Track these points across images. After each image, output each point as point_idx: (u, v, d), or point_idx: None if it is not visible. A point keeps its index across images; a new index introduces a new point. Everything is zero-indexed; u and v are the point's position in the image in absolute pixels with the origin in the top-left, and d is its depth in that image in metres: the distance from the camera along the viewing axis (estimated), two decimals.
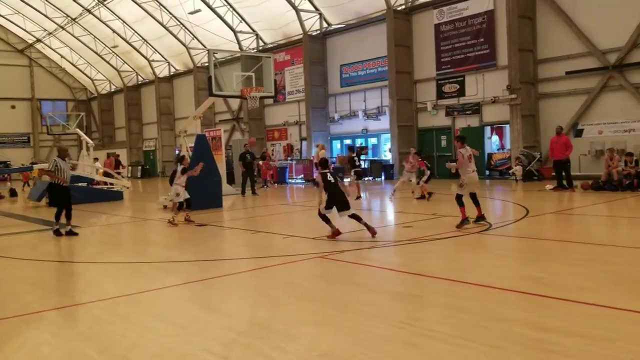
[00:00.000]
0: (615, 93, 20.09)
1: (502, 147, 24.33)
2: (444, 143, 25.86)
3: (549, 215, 11.89)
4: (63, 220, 11.35)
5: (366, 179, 26.19)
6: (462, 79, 24.85)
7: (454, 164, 10.39)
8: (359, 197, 16.73)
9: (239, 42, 34.86)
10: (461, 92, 24.89)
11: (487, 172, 23.89)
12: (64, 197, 11.35)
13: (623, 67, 19.74)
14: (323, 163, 9.59)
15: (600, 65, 20.29)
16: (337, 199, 9.16)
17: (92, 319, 5.55)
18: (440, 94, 25.69)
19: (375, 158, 29.01)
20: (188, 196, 12.35)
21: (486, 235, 9.36)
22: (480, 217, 10.16)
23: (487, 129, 24.53)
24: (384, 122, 27.90)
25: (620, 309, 4.94)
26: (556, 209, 12.83)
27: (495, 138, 24.65)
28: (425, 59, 26.12)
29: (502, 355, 4.05)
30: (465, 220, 9.87)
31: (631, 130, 19.30)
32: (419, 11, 26.39)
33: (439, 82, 25.71)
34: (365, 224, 9.15)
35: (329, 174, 9.35)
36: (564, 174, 16.93)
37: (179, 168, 12.57)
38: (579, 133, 20.57)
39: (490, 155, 24.11)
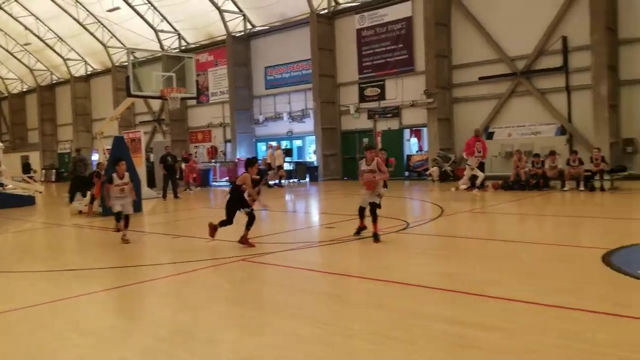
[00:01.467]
0: (523, 98, 21.42)
1: (420, 149, 25.26)
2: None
3: (462, 214, 12.52)
4: None
5: (291, 181, 26.37)
6: (382, 83, 25.57)
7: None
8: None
9: (160, 42, 34.07)
10: (382, 96, 25.61)
11: (407, 173, 24.74)
12: None
13: (530, 73, 21.07)
14: (250, 163, 9.17)
15: (509, 72, 21.55)
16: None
17: (6, 329, 5.32)
18: (363, 98, 26.31)
19: (300, 160, 29.25)
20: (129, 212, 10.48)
21: (405, 234, 9.74)
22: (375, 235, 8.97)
23: (407, 132, 25.39)
24: (309, 125, 28.21)
25: (528, 302, 5.28)
26: (470, 208, 13.52)
27: (414, 140, 25.55)
28: (348, 62, 26.67)
29: (418, 350, 4.24)
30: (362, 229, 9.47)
31: (537, 132, 20.63)
32: (342, 16, 26.90)
33: (361, 85, 26.33)
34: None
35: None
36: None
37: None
38: (490, 136, 21.72)
39: (409, 157, 24.98)
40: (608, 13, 18.84)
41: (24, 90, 47.95)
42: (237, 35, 30.89)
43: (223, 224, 9.14)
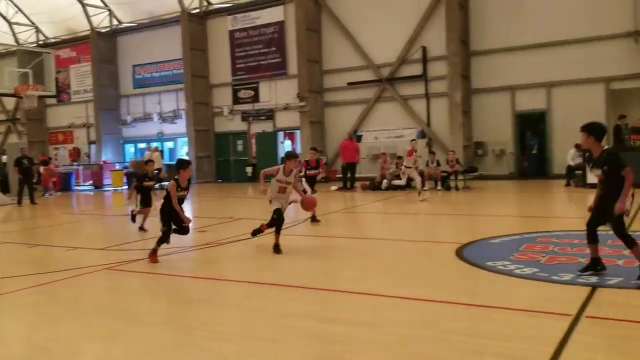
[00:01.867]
0: (388, 103, 22.69)
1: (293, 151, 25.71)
2: (240, 147, 26.48)
3: (333, 214, 13.01)
4: None
5: (163, 183, 25.50)
6: (256, 85, 25.70)
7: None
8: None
9: (15, 35, 31.31)
10: (256, 98, 25.74)
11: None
12: None
13: (394, 80, 22.38)
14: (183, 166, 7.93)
15: (375, 78, 22.71)
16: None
17: None
18: (236, 99, 26.24)
19: (172, 162, 28.43)
20: None
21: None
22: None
23: (280, 134, 25.75)
24: (181, 126, 27.55)
25: (389, 296, 5.65)
26: (340, 208, 14.09)
27: (287, 143, 25.97)
28: (221, 64, 26.45)
29: (286, 349, 4.36)
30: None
31: (401, 136, 21.96)
32: (214, 16, 26.62)
33: (235, 87, 26.25)
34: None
35: None
36: (349, 175, 18.83)
37: None
38: (358, 139, 22.72)
39: (283, 159, 25.31)
40: (461, 27, 20.57)
41: None
42: (102, 31, 29.31)
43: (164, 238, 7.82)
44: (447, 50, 20.58)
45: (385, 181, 17.33)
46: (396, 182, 16.78)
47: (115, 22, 29.39)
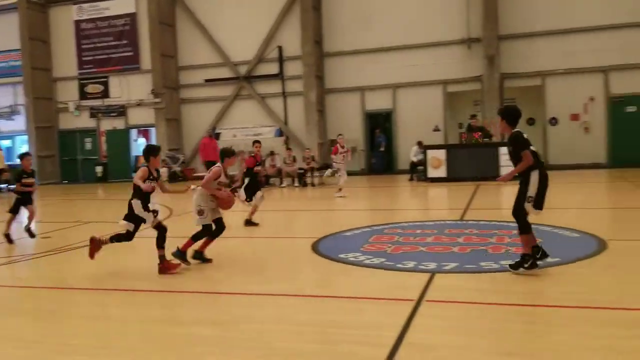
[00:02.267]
0: (246, 101, 22.81)
1: None
2: (89, 145, 24.91)
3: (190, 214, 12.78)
4: None
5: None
6: (106, 80, 24.35)
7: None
8: None
9: None
10: (106, 94, 24.39)
11: (134, 175, 24.04)
12: None
13: (252, 78, 22.54)
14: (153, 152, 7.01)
15: (233, 76, 22.69)
16: None
17: None
18: (84, 95, 24.65)
19: (11, 163, 25.88)
20: None
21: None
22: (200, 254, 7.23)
23: (134, 132, 24.67)
24: (19, 123, 25.21)
25: (250, 294, 5.74)
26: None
27: (142, 140, 24.97)
28: (66, 56, 24.67)
29: (143, 356, 4.29)
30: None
31: (259, 134, 22.18)
32: (57, 5, 24.75)
33: (82, 81, 24.65)
34: None
35: None
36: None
37: None
38: (217, 136, 22.54)
39: (137, 157, 24.31)
40: (315, 28, 21.30)
41: None
42: None
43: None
44: (302, 50, 21.19)
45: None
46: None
47: None
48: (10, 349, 4.61)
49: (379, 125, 21.71)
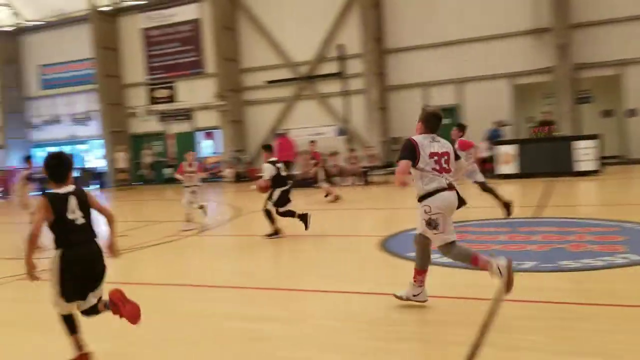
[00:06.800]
0: (307, 101, 22.91)
1: (215, 151, 25.43)
2: (158, 148, 25.77)
3: (259, 213, 12.95)
4: None
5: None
6: (173, 84, 25.11)
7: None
8: None
9: None
10: (173, 98, 25.15)
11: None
12: None
13: (312, 78, 22.62)
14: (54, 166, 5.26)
15: (294, 76, 22.85)
16: None
17: None
18: (152, 100, 25.51)
19: (87, 166, 27.24)
20: None
21: (204, 237, 9.80)
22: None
23: (199, 134, 25.33)
24: (94, 128, 26.45)
25: (313, 291, 5.77)
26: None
27: (208, 142, 25.61)
28: (135, 63, 25.64)
29: (214, 350, 4.34)
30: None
31: (321, 133, 22.24)
32: (126, 14, 25.74)
33: (150, 87, 25.51)
34: None
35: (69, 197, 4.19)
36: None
37: None
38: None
39: (204, 159, 24.94)
40: (376, 25, 21.11)
41: None
42: (4, 29, 27.51)
43: None
44: (363, 48, 21.05)
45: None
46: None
47: (19, 20, 27.66)
48: (94, 342, 4.77)
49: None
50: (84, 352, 4.09)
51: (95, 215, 4.14)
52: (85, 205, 4.06)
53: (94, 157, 27.70)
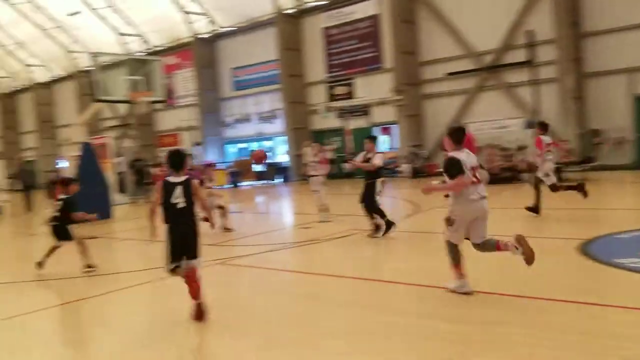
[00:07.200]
0: (491, 92, 21.66)
1: (391, 146, 25.35)
2: (337, 144, 26.44)
3: (439, 209, 12.50)
4: None
5: (264, 182, 26.21)
6: (351, 81, 25.57)
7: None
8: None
9: (123, 45, 33.39)
10: (351, 95, 25.61)
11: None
12: None
13: (497, 68, 21.33)
14: (173, 161, 5.28)
15: (476, 67, 21.77)
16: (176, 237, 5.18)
17: None
18: (332, 97, 26.26)
19: (271, 161, 29.00)
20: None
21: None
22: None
23: (376, 129, 25.42)
24: (278, 125, 28.05)
25: (512, 296, 5.26)
26: (444, 204, 13.54)
27: (385, 138, 25.62)
28: (316, 62, 26.60)
29: (406, 348, 4.17)
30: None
31: (506, 126, 20.89)
32: (308, 15, 26.82)
33: (330, 84, 26.28)
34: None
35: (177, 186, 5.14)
36: None
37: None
38: None
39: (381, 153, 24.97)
40: (571, 7, 19.17)
41: None
42: (203, 36, 30.50)
43: None
44: (556, 32, 19.26)
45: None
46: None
47: (214, 27, 30.45)
48: (287, 329, 4.85)
49: None
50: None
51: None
52: (188, 193, 5.07)
53: (278, 152, 29.40)
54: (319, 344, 4.43)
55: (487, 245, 5.34)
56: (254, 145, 29.63)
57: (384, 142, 25.56)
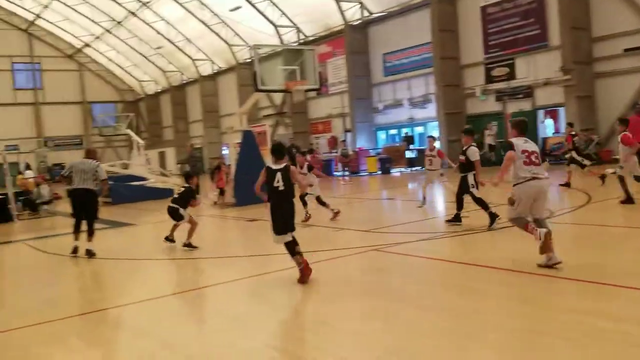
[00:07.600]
0: None
1: (556, 130, 23.34)
2: (496, 129, 24.98)
3: (611, 201, 11.12)
4: None
5: (414, 169, 25.74)
6: (511, 61, 23.96)
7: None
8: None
9: (279, 36, 34.77)
10: (511, 76, 24.01)
11: (546, 159, 22.94)
12: (79, 205, 9.09)
13: None
14: (274, 151, 6.54)
15: None
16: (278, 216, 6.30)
17: (152, 316, 5.44)
18: (489, 79, 24.87)
19: (422, 147, 28.37)
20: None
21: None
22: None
23: (540, 113, 23.57)
24: (431, 110, 27.28)
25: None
26: (619, 195, 12.05)
27: (549, 122, 23.68)
28: (472, 43, 25.33)
29: (571, 347, 3.81)
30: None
31: None
32: None
33: (488, 66, 24.90)
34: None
35: (277, 172, 6.30)
36: None
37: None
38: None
39: (544, 140, 23.14)
40: None
41: (158, 90, 51.57)
42: (354, 24, 30.63)
43: None
44: None
45: None
46: None
47: (366, 14, 30.41)
48: (434, 318, 4.60)
49: None
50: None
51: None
52: (287, 178, 6.22)
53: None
54: (474, 335, 4.15)
55: (540, 223, 5.99)
56: (404, 132, 29.22)
57: (547, 127, 23.67)
